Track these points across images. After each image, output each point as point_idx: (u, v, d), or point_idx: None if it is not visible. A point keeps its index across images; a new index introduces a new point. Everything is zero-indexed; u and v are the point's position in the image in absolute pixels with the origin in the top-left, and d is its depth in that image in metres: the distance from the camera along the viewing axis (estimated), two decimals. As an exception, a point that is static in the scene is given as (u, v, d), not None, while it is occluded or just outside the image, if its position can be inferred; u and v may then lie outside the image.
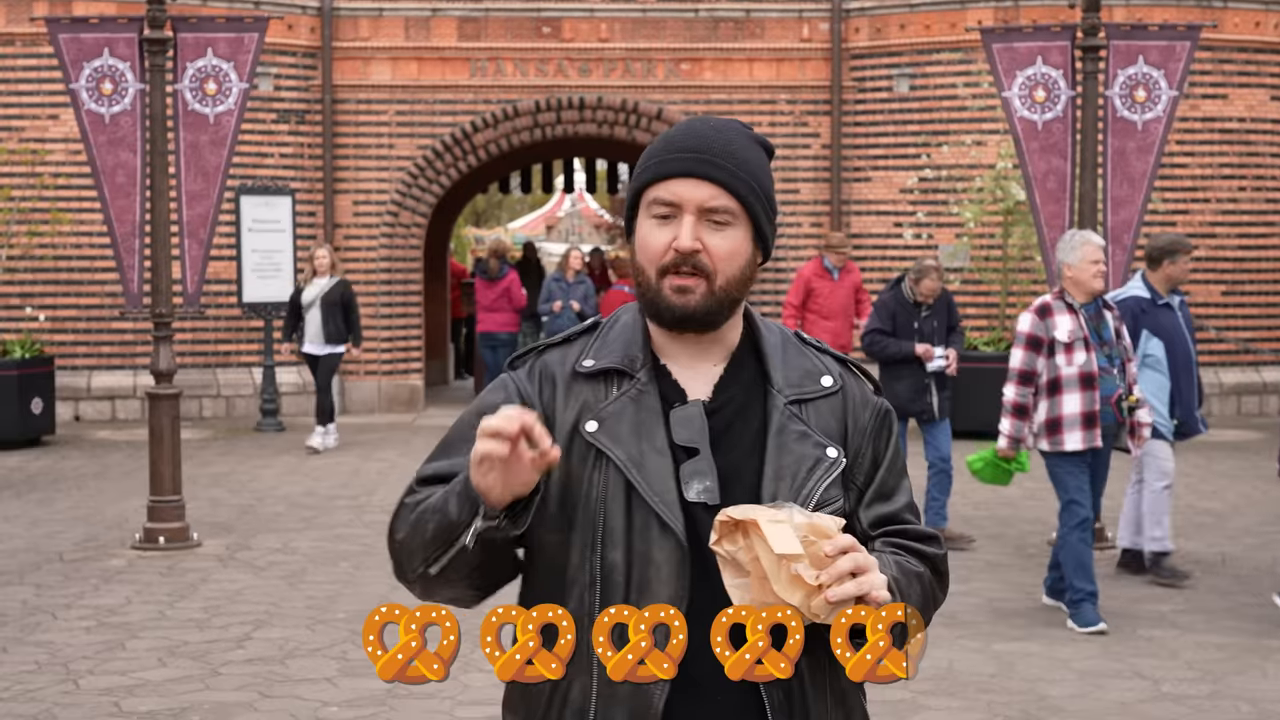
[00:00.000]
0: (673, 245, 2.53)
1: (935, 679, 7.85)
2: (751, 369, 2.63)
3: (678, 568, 2.48)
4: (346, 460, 15.73)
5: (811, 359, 2.68)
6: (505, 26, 19.88)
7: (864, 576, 2.34)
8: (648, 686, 2.44)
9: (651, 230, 2.57)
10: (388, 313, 20.06)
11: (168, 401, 11.37)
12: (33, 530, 11.89)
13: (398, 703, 7.48)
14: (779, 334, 2.69)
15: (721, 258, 2.54)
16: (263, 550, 11.18)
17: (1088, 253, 8.95)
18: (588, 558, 2.51)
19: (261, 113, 19.09)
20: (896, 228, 19.62)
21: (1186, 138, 18.97)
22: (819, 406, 2.62)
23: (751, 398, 2.61)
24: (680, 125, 2.64)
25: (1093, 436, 8.87)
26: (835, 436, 2.62)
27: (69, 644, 8.55)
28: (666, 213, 2.56)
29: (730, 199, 2.55)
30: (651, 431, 2.54)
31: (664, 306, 2.55)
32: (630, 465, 2.51)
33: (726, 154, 2.56)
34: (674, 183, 2.55)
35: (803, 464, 2.56)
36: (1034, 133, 11.82)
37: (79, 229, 18.49)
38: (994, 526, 12.07)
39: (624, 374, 2.59)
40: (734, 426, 2.58)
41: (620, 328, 2.65)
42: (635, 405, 2.56)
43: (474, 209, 43.16)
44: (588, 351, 2.63)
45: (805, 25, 19.90)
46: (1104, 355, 8.98)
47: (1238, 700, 7.54)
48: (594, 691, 2.49)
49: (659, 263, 2.55)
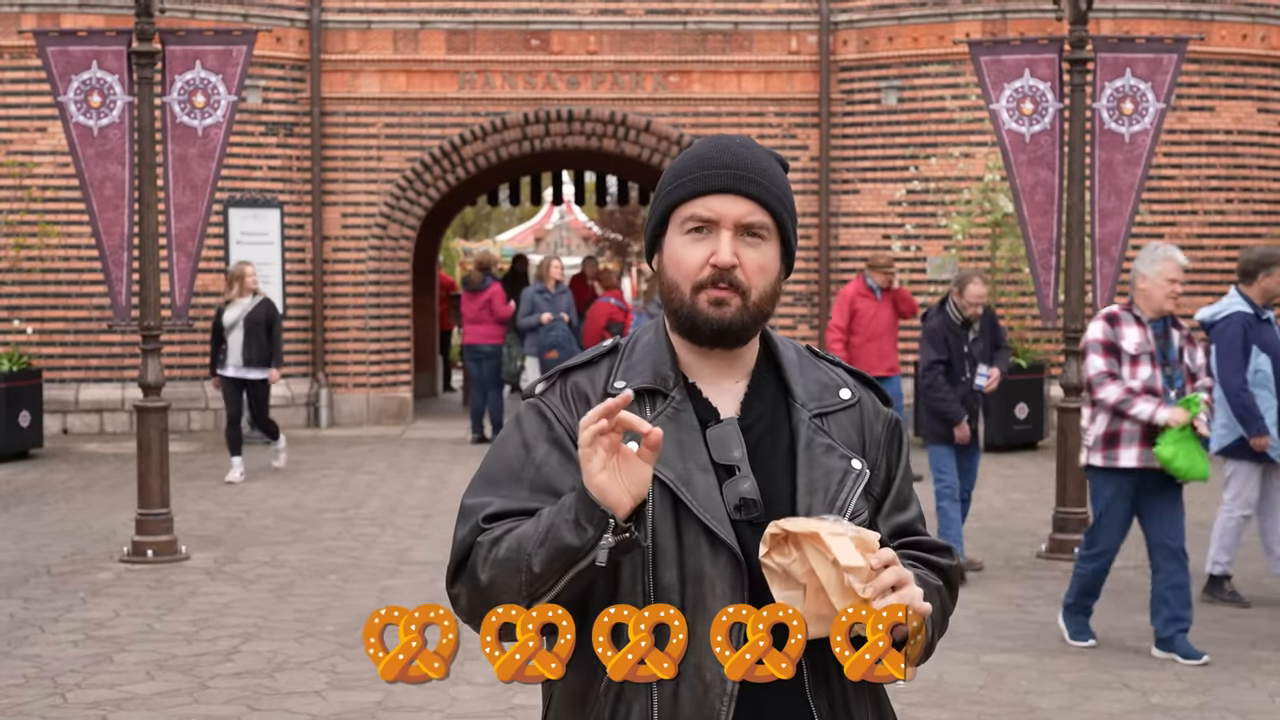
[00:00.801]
0: (710, 261, 2.55)
1: (925, 690, 7.85)
2: (773, 385, 2.65)
3: (733, 582, 2.49)
4: (334, 473, 15.71)
5: (827, 372, 2.71)
6: (494, 39, 19.90)
7: (904, 589, 2.39)
8: (713, 704, 2.45)
9: (685, 246, 2.58)
10: (376, 325, 20.05)
11: (156, 414, 11.35)
12: (20, 543, 11.86)
13: (387, 715, 7.46)
14: (793, 349, 2.72)
15: (755, 273, 2.57)
16: (251, 563, 11.16)
17: (1166, 270, 8.44)
18: (639, 578, 2.51)
19: (250, 125, 19.08)
20: (885, 240, 19.63)
21: (1174, 150, 19.01)
22: (839, 419, 2.65)
23: (777, 413, 2.63)
24: (706, 142, 2.65)
25: (1150, 456, 8.34)
26: (855, 448, 2.65)
27: (57, 657, 8.53)
28: (701, 228, 2.57)
29: (765, 215, 2.58)
30: (694, 450, 2.54)
31: (701, 320, 2.55)
32: (680, 484, 2.51)
33: (759, 170, 2.59)
34: (711, 199, 2.56)
35: (833, 476, 2.58)
36: (1022, 145, 11.85)
37: (67, 242, 18.46)
38: (984, 539, 12.07)
39: (658, 393, 2.59)
40: (764, 443, 2.60)
41: (644, 347, 2.65)
42: (674, 424, 2.56)
43: (462, 221, 43.17)
44: (616, 373, 2.62)
45: (793, 38, 19.93)
46: (1165, 375, 8.43)
47: (1226, 712, 7.55)
48: (655, 711, 2.48)
49: (695, 278, 2.56)
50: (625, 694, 2.49)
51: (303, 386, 19.74)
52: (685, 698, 2.47)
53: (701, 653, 2.45)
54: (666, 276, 2.60)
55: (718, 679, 2.45)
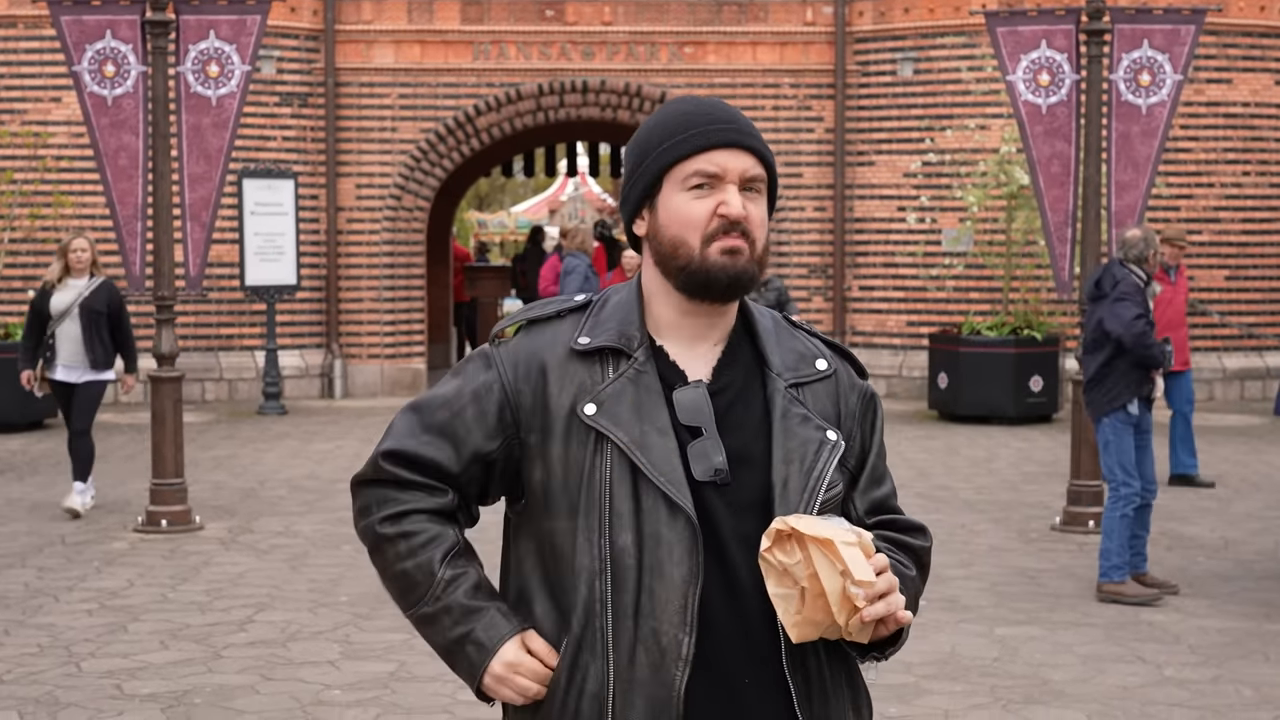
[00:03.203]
0: (718, 211, 2.54)
1: (938, 663, 7.85)
2: (748, 351, 2.64)
3: (690, 547, 2.48)
4: (349, 444, 15.73)
5: (803, 341, 2.69)
6: (508, 10, 19.84)
7: (891, 596, 2.42)
8: (669, 668, 2.45)
9: (688, 202, 2.56)
10: (390, 296, 20.04)
11: (170, 385, 11.36)
12: (35, 513, 11.89)
13: (400, 685, 7.48)
14: (770, 318, 2.70)
15: (758, 225, 2.58)
16: (265, 533, 11.18)
17: None
18: (596, 542, 2.50)
19: (264, 95, 19.05)
20: (900, 212, 19.58)
21: (1191, 122, 18.92)
22: (815, 390, 2.64)
23: (751, 380, 2.61)
24: (689, 101, 2.64)
25: None
26: (830, 419, 2.63)
27: (71, 627, 8.55)
28: (704, 183, 2.56)
29: (762, 168, 2.59)
30: (653, 412, 2.52)
31: (717, 270, 2.54)
32: (634, 447, 2.49)
33: (751, 126, 2.61)
34: (716, 153, 2.56)
35: (809, 447, 2.56)
36: (1038, 117, 11.79)
37: (81, 212, 18.46)
38: (996, 511, 12.06)
39: (621, 353, 2.57)
40: (736, 408, 2.57)
41: (614, 305, 2.63)
42: (634, 386, 2.54)
43: (477, 192, 43.14)
44: (581, 329, 2.60)
45: (809, 9, 19.86)
46: None
47: (1240, 684, 7.54)
48: (611, 675, 2.48)
49: (704, 230, 2.54)
50: (582, 658, 2.50)
51: (317, 357, 19.75)
52: (641, 661, 2.47)
53: (659, 618, 2.46)
54: (668, 234, 2.57)
55: (674, 644, 2.45)
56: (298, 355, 19.39)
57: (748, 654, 2.49)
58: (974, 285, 19.04)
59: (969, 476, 13.60)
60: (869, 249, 19.73)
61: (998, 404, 17.23)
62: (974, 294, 19.05)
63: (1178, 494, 12.66)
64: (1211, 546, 10.79)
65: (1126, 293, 9.25)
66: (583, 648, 2.49)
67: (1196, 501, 12.46)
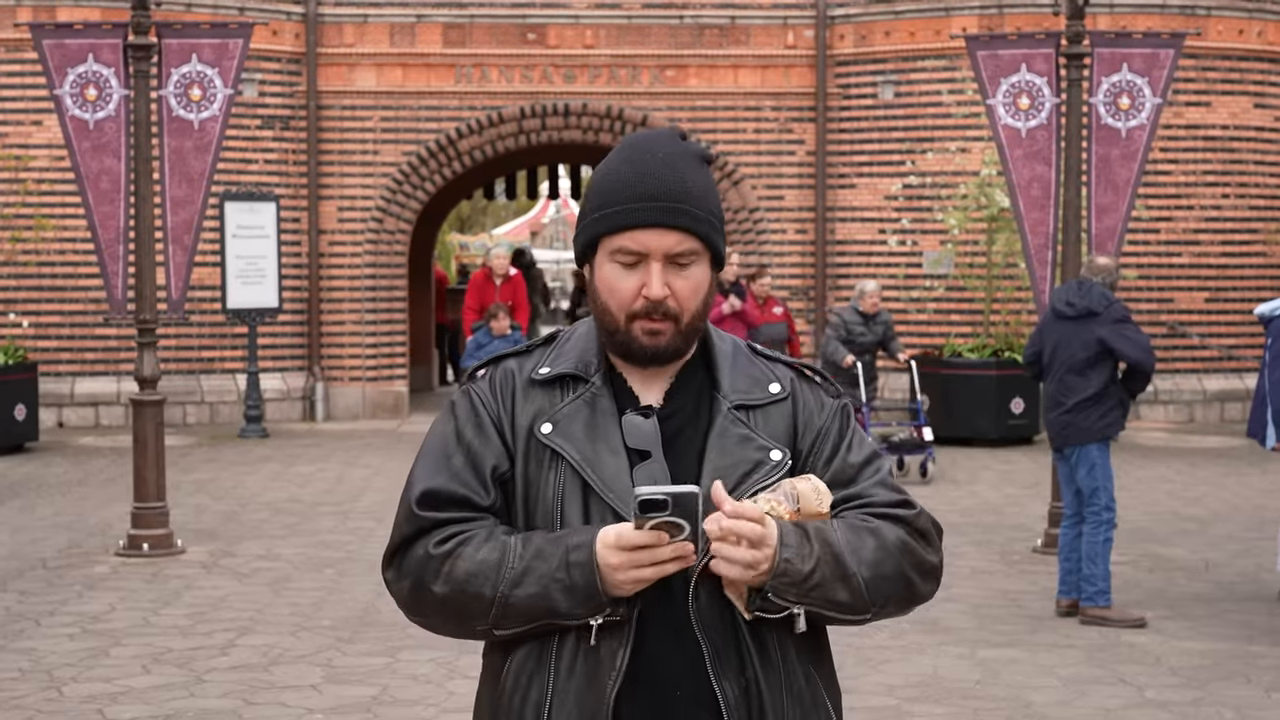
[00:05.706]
0: (642, 294, 2.58)
1: (920, 685, 7.86)
2: (701, 377, 2.69)
3: None
4: (331, 466, 15.71)
5: (761, 367, 2.73)
6: (490, 33, 19.88)
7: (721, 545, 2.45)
8: (601, 679, 2.52)
9: (617, 274, 2.61)
10: (372, 319, 20.04)
11: (151, 408, 11.34)
12: (16, 537, 11.86)
13: (382, 709, 7.47)
14: (731, 344, 2.75)
15: (687, 298, 2.60)
16: (247, 557, 11.16)
17: None
18: None
19: (246, 119, 19.06)
20: (881, 234, 19.64)
21: (1170, 145, 19.00)
22: (769, 412, 2.67)
23: (701, 405, 2.67)
24: (627, 161, 2.63)
25: None
26: (783, 441, 2.66)
27: (52, 651, 8.52)
28: (631, 261, 2.59)
29: (694, 241, 2.60)
30: (606, 433, 2.60)
31: (636, 348, 2.61)
32: (585, 464, 2.57)
33: (685, 194, 2.59)
34: (639, 233, 2.58)
35: (740, 467, 2.61)
36: (1018, 140, 11.84)
37: (63, 235, 18.44)
38: (978, 533, 12.08)
39: (578, 379, 2.65)
40: (684, 432, 2.64)
41: (576, 338, 2.72)
42: (590, 408, 2.63)
43: (458, 215, 43.12)
44: (544, 360, 2.69)
45: (790, 32, 19.92)
46: None
47: (1221, 707, 7.56)
48: (550, 685, 2.55)
49: (628, 308, 2.59)
50: (528, 666, 2.57)
51: (298, 380, 19.72)
52: (579, 672, 2.53)
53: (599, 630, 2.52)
54: (600, 300, 2.63)
55: (609, 655, 2.51)
56: (279, 378, 19.37)
57: (681, 666, 2.54)
58: (955, 307, 19.09)
59: (953, 500, 13.62)
60: (850, 271, 19.75)
61: (979, 426, 17.27)
62: (955, 316, 19.10)
63: (1159, 517, 12.70)
64: (1192, 568, 10.81)
65: (1127, 315, 9.30)
66: (530, 656, 2.57)
67: (1177, 524, 12.49)
